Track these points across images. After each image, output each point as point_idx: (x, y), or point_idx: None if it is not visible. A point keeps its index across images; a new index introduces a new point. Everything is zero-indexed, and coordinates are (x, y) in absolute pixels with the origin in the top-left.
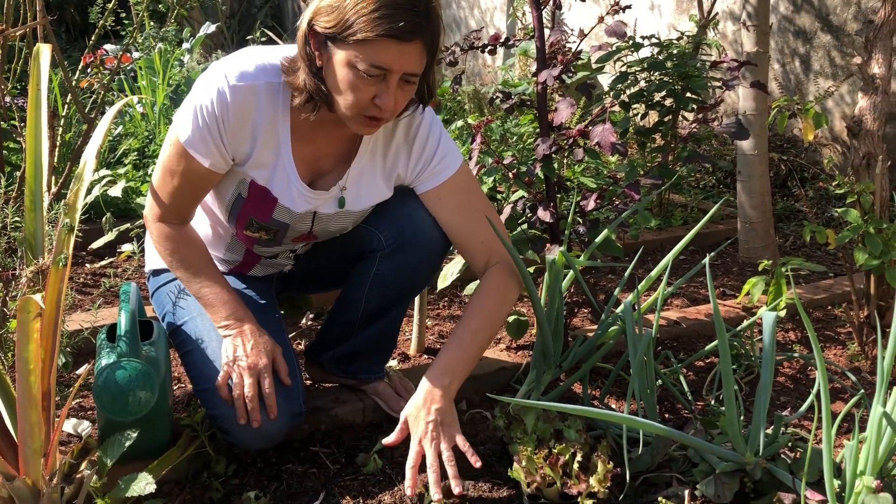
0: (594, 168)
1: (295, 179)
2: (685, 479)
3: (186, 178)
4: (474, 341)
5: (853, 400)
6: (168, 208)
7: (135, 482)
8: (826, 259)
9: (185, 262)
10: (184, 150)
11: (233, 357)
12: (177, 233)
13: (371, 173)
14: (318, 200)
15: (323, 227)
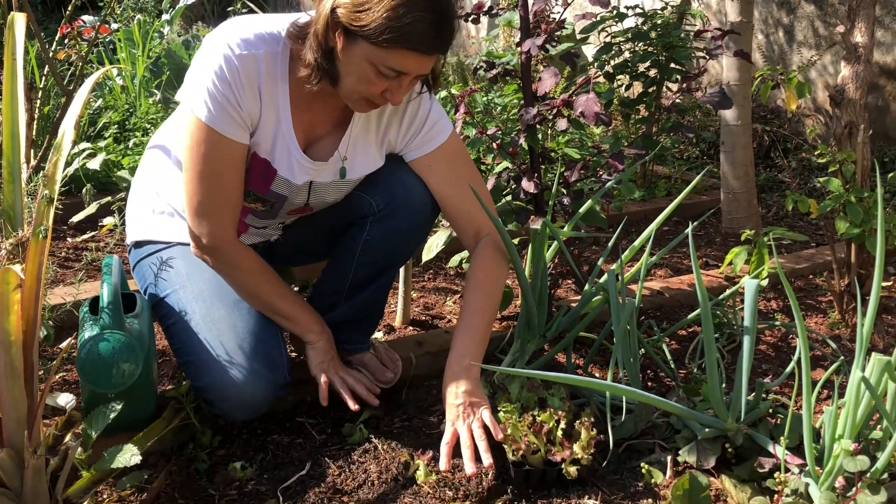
0: (578, 139)
1: (295, 150)
2: (668, 446)
3: (223, 171)
4: (482, 320)
5: (833, 367)
6: (217, 222)
7: (120, 454)
8: (808, 229)
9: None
10: (210, 135)
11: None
12: (242, 255)
13: (365, 142)
14: (316, 171)
15: (319, 198)
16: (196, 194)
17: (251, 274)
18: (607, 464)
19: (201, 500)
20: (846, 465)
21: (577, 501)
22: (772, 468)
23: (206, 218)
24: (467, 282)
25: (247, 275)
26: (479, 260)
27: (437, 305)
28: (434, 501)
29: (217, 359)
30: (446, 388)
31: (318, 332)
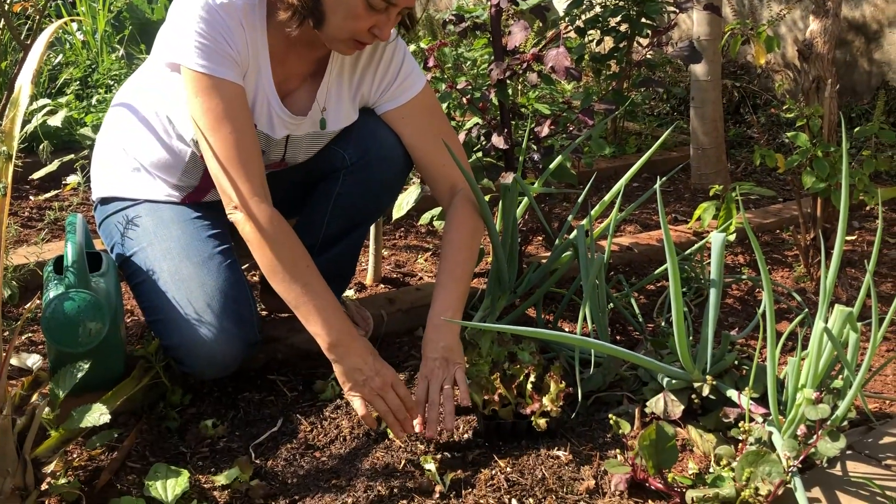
0: (549, 95)
1: (276, 104)
2: (635, 398)
3: (235, 115)
4: (464, 274)
5: (797, 319)
6: (248, 175)
7: (88, 413)
8: (776, 184)
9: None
10: (210, 82)
11: (361, 379)
12: (278, 220)
13: (338, 95)
14: (295, 125)
15: (294, 152)
16: (216, 148)
17: (288, 244)
18: (576, 416)
19: (173, 458)
20: (808, 413)
21: (547, 453)
22: (737, 418)
23: (234, 171)
24: (445, 237)
25: (282, 243)
26: (456, 215)
27: (408, 263)
28: (406, 455)
29: (186, 317)
30: (426, 341)
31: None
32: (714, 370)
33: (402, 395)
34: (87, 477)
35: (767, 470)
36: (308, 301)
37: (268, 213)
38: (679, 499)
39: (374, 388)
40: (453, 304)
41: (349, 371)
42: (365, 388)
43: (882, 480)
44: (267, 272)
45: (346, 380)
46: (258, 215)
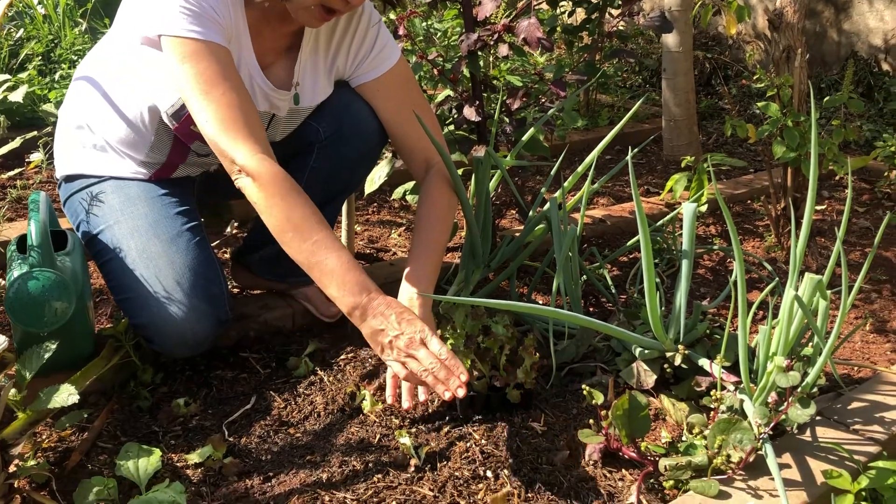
0: (521, 68)
1: (257, 75)
2: (609, 368)
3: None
4: (437, 247)
5: (768, 287)
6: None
7: (56, 393)
8: (747, 155)
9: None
10: (197, 46)
11: (385, 341)
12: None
13: (314, 69)
14: (277, 98)
15: (274, 131)
16: (212, 111)
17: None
18: (550, 387)
19: (145, 437)
20: (779, 380)
21: (522, 424)
22: (708, 386)
23: (235, 131)
24: (419, 211)
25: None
26: (430, 190)
27: (381, 238)
28: (381, 429)
29: (155, 296)
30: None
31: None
32: (686, 340)
33: (435, 351)
34: (56, 458)
35: (739, 437)
36: (320, 261)
37: (275, 169)
38: (652, 467)
39: (401, 350)
40: (426, 277)
41: (372, 334)
42: (393, 352)
43: (851, 445)
44: (277, 232)
45: (373, 345)
46: (265, 173)
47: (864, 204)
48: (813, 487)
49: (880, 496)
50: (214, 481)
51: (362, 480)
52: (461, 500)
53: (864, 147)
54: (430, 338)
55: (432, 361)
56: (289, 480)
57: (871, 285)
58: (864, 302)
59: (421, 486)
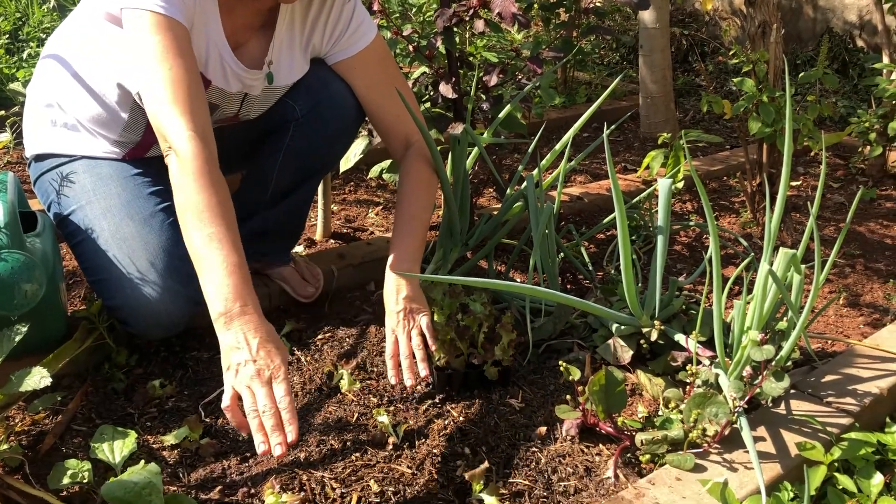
0: (497, 44)
1: (228, 57)
2: (586, 345)
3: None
4: (420, 225)
5: (743, 263)
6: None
7: (28, 376)
8: (723, 132)
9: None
10: (160, 19)
11: (235, 363)
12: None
13: (290, 47)
14: (248, 78)
15: (248, 108)
16: (157, 83)
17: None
18: (527, 364)
19: (120, 419)
20: (753, 354)
21: (499, 401)
22: (684, 361)
23: (176, 106)
24: (400, 189)
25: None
26: (411, 168)
27: (358, 218)
28: (358, 408)
29: (129, 277)
30: (387, 294)
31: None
32: (662, 315)
33: (277, 395)
34: (30, 441)
35: (714, 411)
36: (207, 254)
37: (199, 149)
38: (629, 442)
39: (245, 377)
40: (411, 255)
41: (227, 349)
42: (237, 375)
43: (823, 417)
44: (179, 212)
45: (223, 358)
46: (187, 150)
47: (839, 179)
48: (787, 459)
49: (853, 466)
50: (191, 462)
51: (340, 459)
52: (440, 477)
53: (839, 123)
54: (281, 380)
55: (266, 405)
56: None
57: (844, 260)
58: (837, 276)
59: (399, 464)
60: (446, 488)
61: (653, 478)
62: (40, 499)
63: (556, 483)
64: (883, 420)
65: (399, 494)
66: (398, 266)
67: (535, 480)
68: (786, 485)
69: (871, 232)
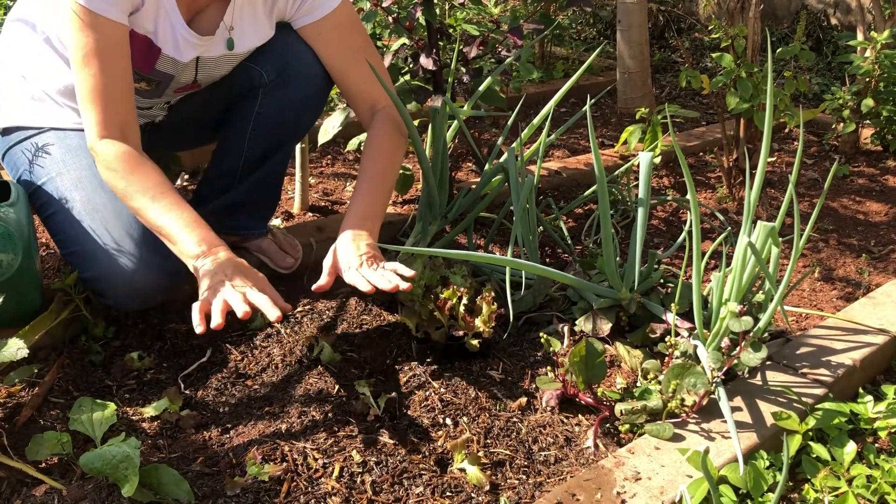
0: (477, 16)
1: (180, 26)
2: (565, 317)
3: (106, 54)
4: (382, 186)
5: (721, 236)
6: (105, 113)
7: (4, 348)
8: (700, 108)
9: (142, 187)
10: (88, 16)
11: (216, 283)
12: (128, 153)
13: (252, 11)
14: (204, 46)
15: (207, 73)
16: (82, 79)
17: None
18: (508, 336)
19: (98, 391)
20: (732, 325)
21: (480, 372)
22: (663, 333)
23: (96, 105)
24: (364, 153)
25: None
26: (374, 134)
27: (336, 191)
28: (340, 380)
29: (104, 247)
30: (346, 241)
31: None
32: (641, 288)
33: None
34: (6, 414)
35: (693, 381)
36: (165, 223)
37: (117, 150)
38: (608, 412)
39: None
40: (371, 212)
41: (203, 276)
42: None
43: (798, 388)
44: (125, 202)
45: (200, 283)
46: (108, 152)
47: (813, 156)
48: (763, 429)
49: (826, 435)
50: (172, 434)
51: (322, 430)
52: (421, 447)
53: (813, 100)
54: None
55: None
56: (247, 431)
57: (818, 235)
58: (811, 251)
59: (381, 435)
60: (428, 458)
61: (632, 447)
62: (19, 470)
63: (537, 453)
64: (856, 390)
65: (381, 465)
66: (357, 222)
67: (516, 450)
68: (762, 453)
69: (843, 207)
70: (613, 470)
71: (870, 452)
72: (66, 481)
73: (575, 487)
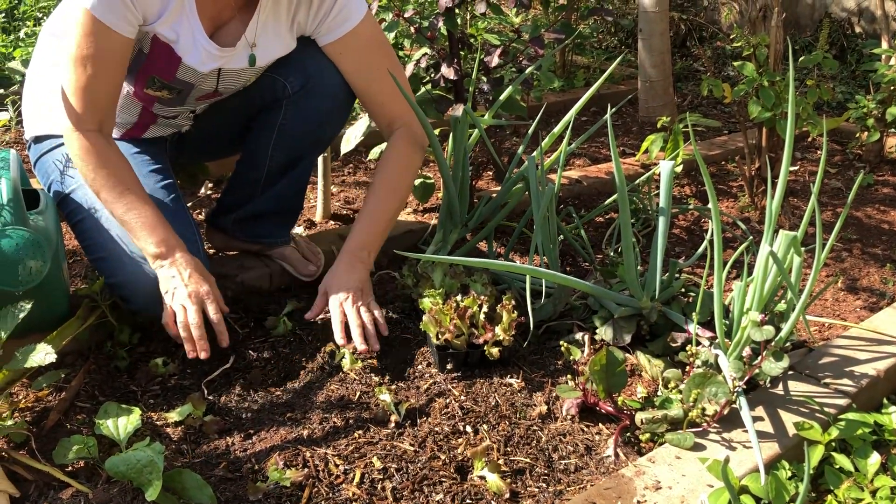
0: (499, 25)
1: (201, 37)
2: (585, 326)
3: (101, 61)
4: (385, 211)
5: (743, 245)
6: (86, 109)
7: (33, 353)
8: (721, 117)
9: (110, 182)
10: (94, 24)
11: (171, 288)
12: (99, 146)
13: (275, 25)
14: (224, 58)
15: (229, 83)
16: (72, 75)
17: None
18: (528, 345)
19: (123, 396)
20: (753, 335)
21: (500, 381)
22: (684, 342)
23: (80, 100)
24: (376, 172)
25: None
26: (390, 152)
27: (357, 199)
28: (360, 387)
29: (130, 254)
30: (336, 275)
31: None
32: (662, 297)
33: (210, 312)
34: (34, 418)
35: (714, 391)
36: (132, 218)
37: (91, 140)
38: (629, 421)
39: (179, 298)
40: (369, 241)
41: (163, 280)
42: (173, 298)
43: (821, 398)
44: (92, 191)
45: (161, 286)
46: (81, 142)
47: (836, 165)
48: (785, 439)
49: (850, 446)
50: (195, 439)
51: (343, 436)
52: (441, 455)
53: (836, 109)
54: (210, 301)
55: (195, 320)
56: (270, 437)
57: (841, 244)
58: (834, 261)
59: (401, 442)
60: (448, 465)
61: (653, 456)
62: (46, 473)
63: (557, 461)
64: (880, 401)
65: (402, 471)
66: (354, 251)
67: (536, 458)
68: (784, 463)
69: (868, 217)
70: (634, 479)
71: (894, 464)
72: (91, 485)
73: (595, 496)
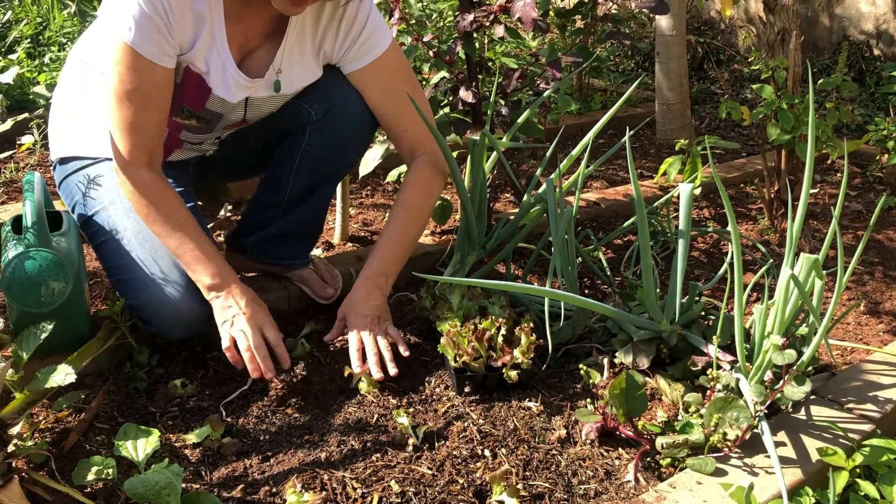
0: (516, 49)
1: (231, 68)
2: (604, 349)
3: (147, 94)
4: (405, 237)
5: (763, 268)
6: (136, 145)
7: (54, 374)
8: (740, 139)
9: (163, 216)
10: (135, 58)
11: (230, 317)
12: (151, 181)
13: (301, 53)
14: (253, 88)
15: (255, 112)
16: (118, 112)
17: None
18: (546, 368)
19: (142, 418)
20: (775, 359)
21: (518, 404)
22: (704, 366)
23: (128, 135)
24: (397, 198)
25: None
26: (411, 178)
27: (375, 221)
28: (378, 409)
29: (152, 277)
30: (355, 301)
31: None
32: (682, 320)
33: (270, 337)
34: (54, 438)
35: (735, 415)
36: (187, 251)
37: (143, 176)
38: (649, 446)
39: (239, 325)
40: (389, 267)
41: (218, 310)
42: (232, 326)
43: (844, 423)
44: (148, 225)
45: (217, 317)
46: (134, 178)
47: (856, 187)
48: (808, 465)
49: (874, 473)
50: (213, 461)
51: (361, 459)
52: (459, 479)
53: (856, 131)
54: (269, 327)
55: (259, 343)
56: (287, 460)
57: (863, 267)
58: (856, 284)
59: (419, 465)
60: (466, 490)
61: (673, 481)
62: (66, 494)
63: (577, 486)
64: None
65: (420, 495)
66: (372, 277)
67: (556, 483)
68: (807, 490)
69: (889, 240)
70: None
71: None
72: None
73: None
